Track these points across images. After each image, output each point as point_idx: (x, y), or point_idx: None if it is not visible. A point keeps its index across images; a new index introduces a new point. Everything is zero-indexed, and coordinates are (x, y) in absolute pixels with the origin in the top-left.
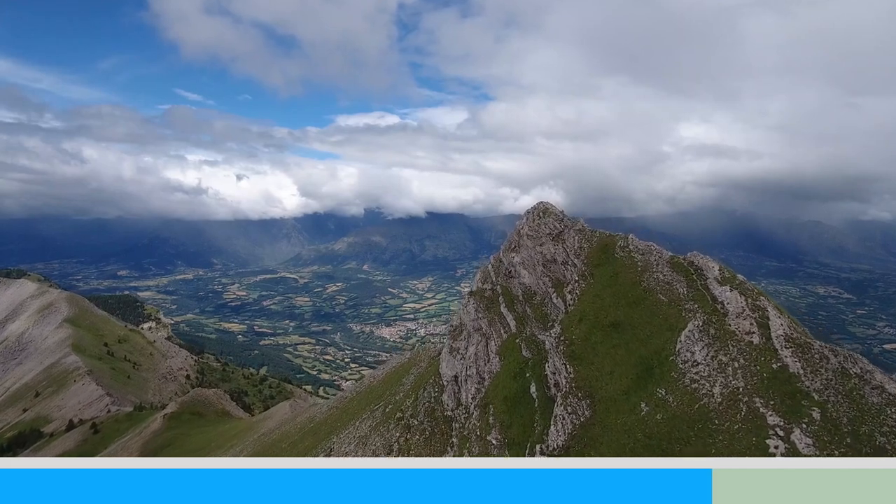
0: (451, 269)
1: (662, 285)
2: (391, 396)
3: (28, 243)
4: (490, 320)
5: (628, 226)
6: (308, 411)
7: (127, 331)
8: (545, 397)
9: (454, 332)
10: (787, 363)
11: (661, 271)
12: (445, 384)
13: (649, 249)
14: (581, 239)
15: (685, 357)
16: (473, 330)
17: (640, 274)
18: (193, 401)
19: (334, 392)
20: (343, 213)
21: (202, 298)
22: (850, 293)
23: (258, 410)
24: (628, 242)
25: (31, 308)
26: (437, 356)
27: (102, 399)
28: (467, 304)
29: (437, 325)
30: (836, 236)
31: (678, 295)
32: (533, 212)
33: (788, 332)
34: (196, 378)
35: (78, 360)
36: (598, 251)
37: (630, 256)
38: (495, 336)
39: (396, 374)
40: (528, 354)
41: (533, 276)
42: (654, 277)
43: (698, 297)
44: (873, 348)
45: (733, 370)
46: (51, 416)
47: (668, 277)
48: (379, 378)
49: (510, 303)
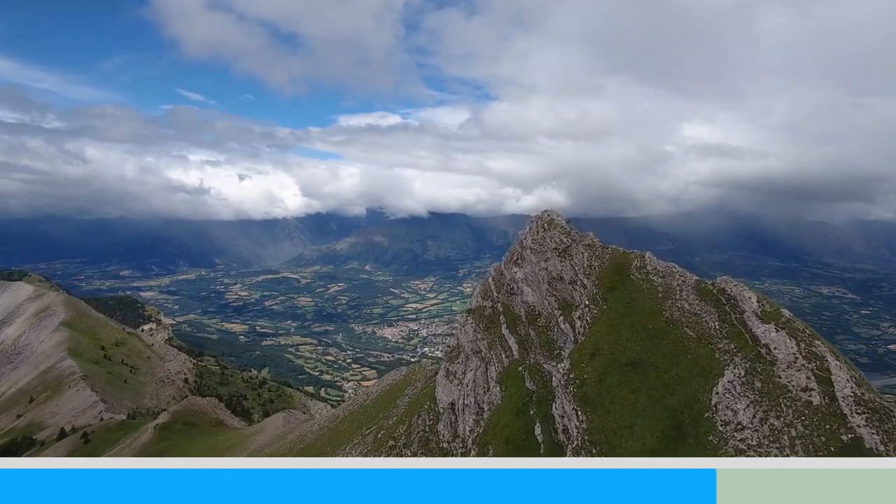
0: (453, 270)
1: (689, 316)
2: (384, 420)
3: (31, 243)
4: (490, 342)
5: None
6: (299, 428)
7: (125, 334)
8: (552, 442)
9: (451, 353)
10: (862, 435)
11: (687, 299)
12: (441, 412)
13: (670, 271)
14: (591, 256)
15: (725, 416)
16: (472, 352)
17: (662, 301)
18: (186, 410)
19: (336, 393)
20: (345, 213)
21: (204, 299)
22: (854, 293)
23: (257, 415)
24: (645, 262)
25: (27, 311)
26: (434, 377)
27: (96, 406)
28: (465, 324)
29: (438, 325)
30: (840, 236)
31: (708, 330)
32: (537, 222)
33: (858, 392)
34: (194, 382)
35: (73, 364)
36: (611, 271)
37: (648, 279)
38: (495, 361)
39: (391, 393)
40: (532, 386)
41: (537, 294)
42: (677, 306)
43: (734, 335)
44: (878, 349)
45: (790, 440)
46: (44, 423)
47: (696, 307)
48: (373, 397)
49: (512, 323)
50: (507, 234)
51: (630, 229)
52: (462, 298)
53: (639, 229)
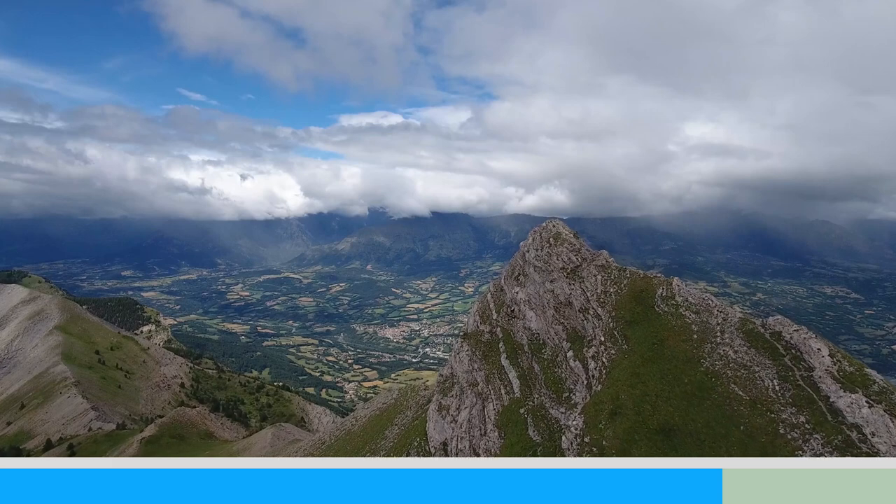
0: (455, 270)
1: (736, 369)
2: (371, 454)
3: (34, 243)
4: (488, 374)
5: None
6: (286, 450)
7: (120, 337)
8: None
9: (444, 383)
10: None
11: (731, 344)
12: (433, 451)
13: (706, 305)
14: (605, 280)
15: None
16: (467, 385)
17: (698, 345)
18: (174, 422)
19: (337, 395)
20: (347, 212)
21: (206, 299)
22: (857, 293)
23: (254, 420)
24: (673, 291)
25: (21, 315)
26: (426, 405)
27: (87, 414)
28: (460, 351)
29: (440, 325)
30: (843, 236)
31: (765, 391)
32: (541, 234)
33: None
34: (191, 386)
35: (66, 369)
36: (631, 300)
37: (678, 313)
38: (494, 397)
39: (379, 421)
40: (536, 436)
41: (542, 320)
42: (719, 353)
43: (803, 402)
44: (882, 349)
45: None
46: (34, 431)
47: (744, 356)
48: (361, 422)
49: (513, 353)
50: (508, 233)
51: (632, 229)
52: (464, 298)
53: (641, 229)
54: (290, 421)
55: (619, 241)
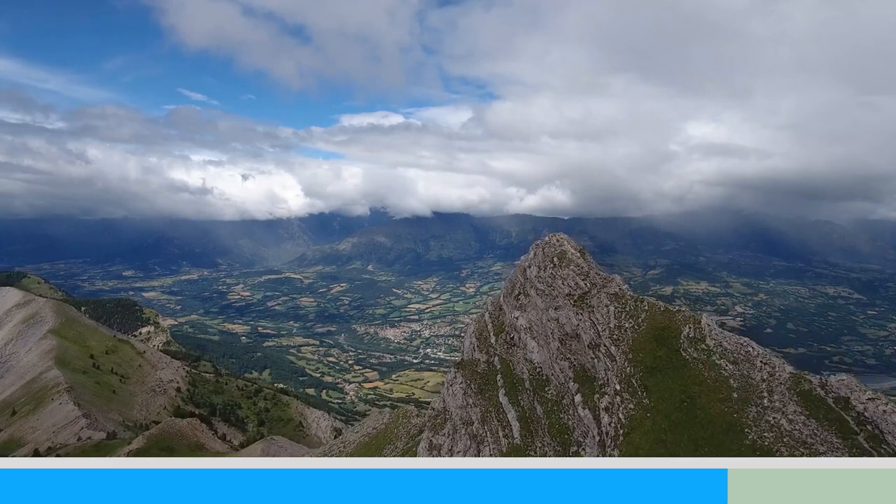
0: (456, 270)
1: (794, 446)
2: None
3: (35, 243)
4: (484, 412)
5: (635, 225)
6: None
7: (115, 341)
8: None
9: (436, 418)
10: None
11: (783, 409)
12: None
13: (745, 354)
14: (619, 311)
15: None
16: (461, 423)
17: (740, 407)
18: (163, 434)
19: (337, 396)
20: (348, 212)
21: (206, 299)
22: (860, 293)
23: (251, 424)
24: (703, 332)
25: (14, 318)
26: (418, 435)
27: (77, 422)
28: (453, 383)
29: (441, 326)
30: (845, 236)
31: None
32: (544, 250)
33: None
34: (187, 390)
35: (59, 374)
36: (651, 339)
37: (711, 362)
38: (490, 440)
39: (368, 450)
40: None
41: (545, 352)
42: (769, 421)
43: None
44: (885, 350)
45: None
46: (24, 439)
47: (803, 430)
48: (351, 447)
49: (512, 389)
50: (510, 233)
51: (634, 229)
52: (465, 299)
53: (642, 229)
54: (288, 426)
55: (620, 242)
